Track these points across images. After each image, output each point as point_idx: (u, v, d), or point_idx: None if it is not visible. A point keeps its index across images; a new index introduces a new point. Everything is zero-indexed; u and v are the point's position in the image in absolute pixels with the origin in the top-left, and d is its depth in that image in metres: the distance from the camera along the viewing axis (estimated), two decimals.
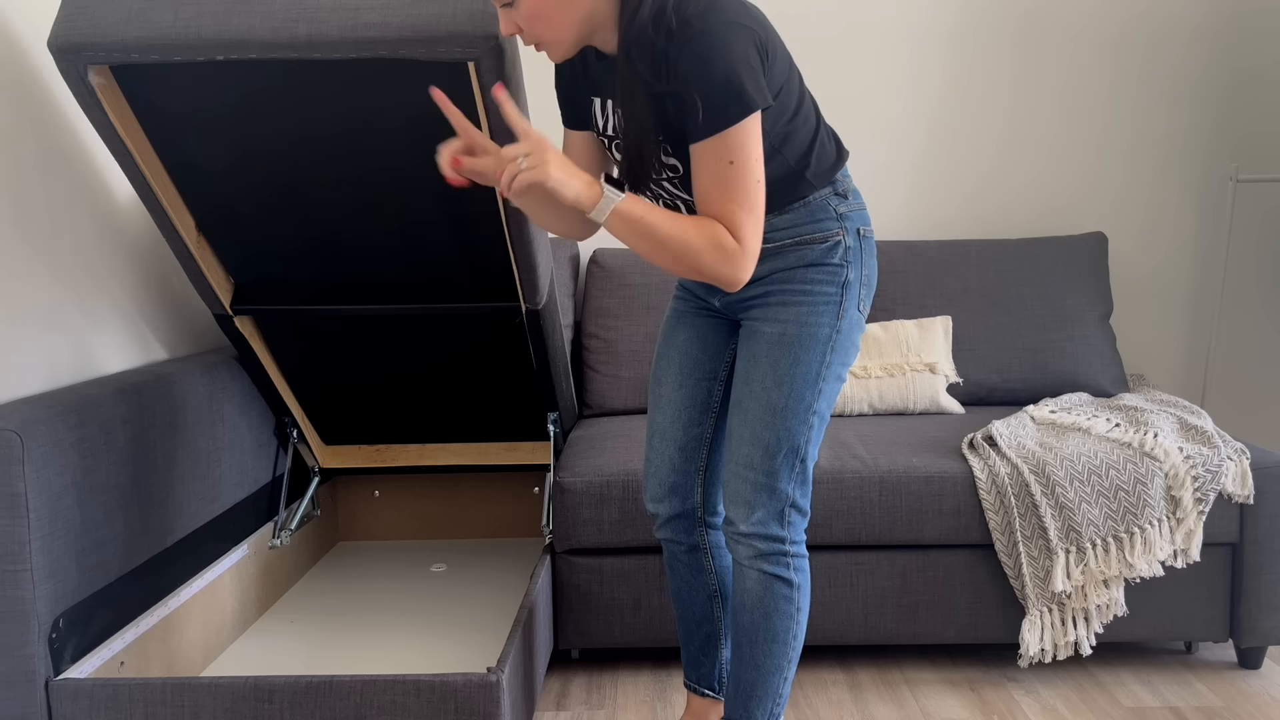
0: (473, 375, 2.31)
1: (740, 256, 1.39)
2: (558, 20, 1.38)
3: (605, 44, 1.44)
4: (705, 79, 1.33)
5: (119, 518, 1.69)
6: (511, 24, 1.39)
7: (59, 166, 1.79)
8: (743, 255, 1.39)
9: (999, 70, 2.94)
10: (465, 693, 1.49)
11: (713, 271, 1.40)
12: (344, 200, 1.86)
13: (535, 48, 1.42)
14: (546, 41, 1.40)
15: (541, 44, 1.41)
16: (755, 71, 1.35)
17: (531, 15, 1.37)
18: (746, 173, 1.36)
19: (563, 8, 1.37)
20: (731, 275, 1.40)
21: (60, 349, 1.77)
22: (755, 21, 1.37)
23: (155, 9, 1.51)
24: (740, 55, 1.33)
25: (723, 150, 1.36)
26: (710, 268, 1.40)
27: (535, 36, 1.40)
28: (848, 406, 2.59)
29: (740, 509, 1.56)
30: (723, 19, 1.34)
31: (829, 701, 2.10)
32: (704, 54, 1.32)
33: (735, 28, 1.34)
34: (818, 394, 1.53)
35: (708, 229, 1.39)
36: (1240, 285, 3.02)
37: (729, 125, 1.34)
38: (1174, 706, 2.06)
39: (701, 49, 1.32)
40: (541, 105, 2.88)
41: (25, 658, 1.49)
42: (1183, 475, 2.08)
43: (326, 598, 2.38)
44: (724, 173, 1.36)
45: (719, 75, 1.32)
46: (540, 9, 1.36)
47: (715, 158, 1.36)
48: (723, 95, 1.33)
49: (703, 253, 1.39)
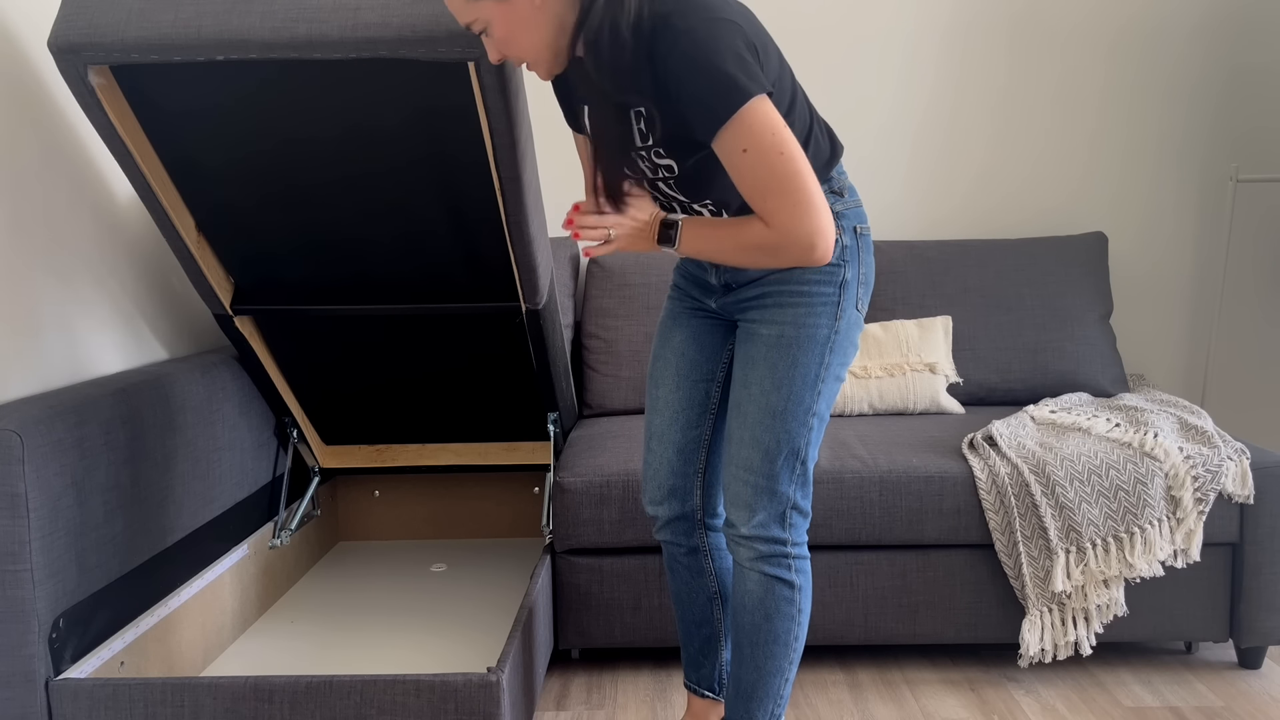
0: (473, 375, 2.31)
1: (790, 246, 1.38)
2: (526, 41, 1.38)
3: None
4: (697, 77, 1.32)
5: (119, 518, 1.69)
6: (495, 50, 1.41)
7: (59, 166, 1.79)
8: (791, 242, 1.38)
9: (998, 68, 2.94)
10: (465, 693, 1.49)
11: (785, 264, 1.42)
12: (344, 200, 1.86)
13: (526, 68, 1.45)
14: (527, 61, 1.42)
15: (525, 64, 1.43)
16: (747, 62, 1.33)
17: (503, 40, 1.38)
18: (768, 155, 1.34)
19: (528, 28, 1.37)
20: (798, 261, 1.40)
21: (60, 349, 1.77)
22: (740, 16, 1.36)
23: (155, 9, 1.51)
24: (729, 47, 1.32)
25: (735, 140, 1.34)
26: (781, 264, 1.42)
27: (515, 58, 1.42)
28: (848, 406, 2.59)
29: (741, 511, 1.55)
30: (705, 16, 1.33)
31: (829, 701, 2.10)
32: (691, 53, 1.31)
33: (720, 23, 1.33)
34: (816, 395, 1.52)
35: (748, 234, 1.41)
36: (1240, 285, 3.02)
37: (730, 115, 1.32)
38: (1174, 706, 2.06)
39: (689, 48, 1.31)
40: (542, 105, 2.88)
41: (25, 658, 1.49)
42: (1183, 475, 2.08)
43: (326, 598, 2.38)
44: (742, 163, 1.35)
45: (711, 70, 1.31)
46: (509, 33, 1.37)
47: (730, 150, 1.35)
48: (717, 88, 1.31)
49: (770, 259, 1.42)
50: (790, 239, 1.37)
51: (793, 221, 1.36)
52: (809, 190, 1.36)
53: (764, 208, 1.37)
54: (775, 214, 1.36)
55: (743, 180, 1.37)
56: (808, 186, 1.36)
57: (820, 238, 1.37)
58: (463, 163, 1.77)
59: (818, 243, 1.37)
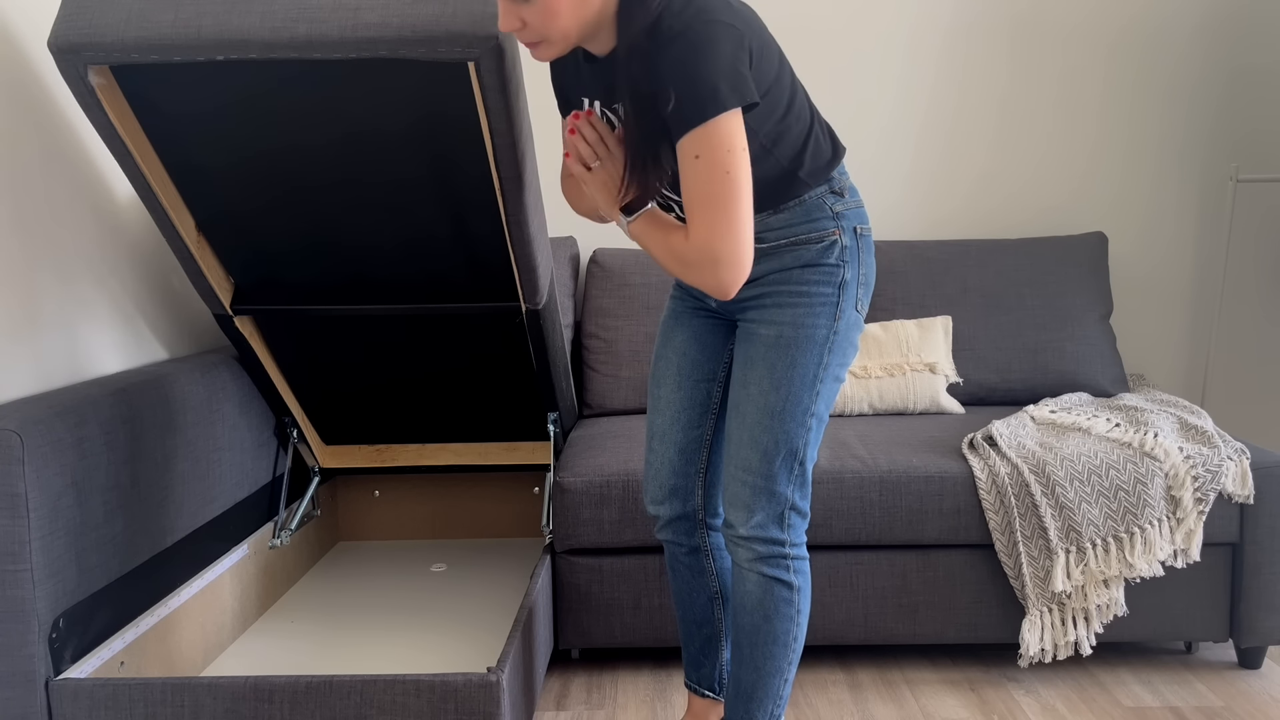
0: (473, 375, 2.31)
1: (699, 262, 1.37)
2: (569, 17, 1.36)
3: (597, 47, 1.44)
4: (683, 77, 1.31)
5: (119, 518, 1.69)
6: (515, 19, 1.37)
7: (59, 166, 1.79)
8: (701, 259, 1.36)
9: (998, 69, 2.94)
10: (465, 693, 1.49)
11: (697, 284, 1.40)
12: (344, 200, 1.86)
13: (529, 45, 1.40)
14: (549, 39, 1.38)
15: (540, 41, 1.39)
16: (736, 71, 1.33)
17: (546, 9, 1.35)
18: (714, 170, 1.33)
19: (577, 5, 1.36)
20: (710, 286, 1.38)
21: (60, 349, 1.77)
22: (740, 19, 1.36)
23: (155, 9, 1.51)
24: (722, 53, 1.31)
25: (693, 145, 1.33)
26: (695, 282, 1.40)
27: (539, 33, 1.37)
28: (848, 406, 2.59)
29: (739, 512, 1.55)
30: (706, 18, 1.32)
31: (829, 701, 2.10)
32: (684, 53, 1.31)
33: (718, 26, 1.33)
34: (815, 396, 1.52)
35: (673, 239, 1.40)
36: (1240, 285, 3.02)
37: (701, 121, 1.32)
38: (1174, 706, 2.06)
39: (683, 48, 1.31)
40: (542, 105, 2.88)
41: (25, 658, 1.49)
42: (1183, 475, 2.08)
43: (326, 598, 2.38)
44: (691, 169, 1.35)
45: (696, 73, 1.31)
46: (556, 3, 1.35)
47: (686, 153, 1.34)
48: (698, 92, 1.31)
49: (681, 271, 1.40)
50: (701, 255, 1.36)
51: (710, 239, 1.35)
52: (738, 218, 1.35)
53: (692, 218, 1.37)
54: (698, 227, 1.36)
55: (685, 184, 1.37)
56: (738, 214, 1.35)
57: (726, 268, 1.36)
58: (462, 162, 1.77)
59: (722, 271, 1.36)
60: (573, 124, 1.47)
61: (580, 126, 1.46)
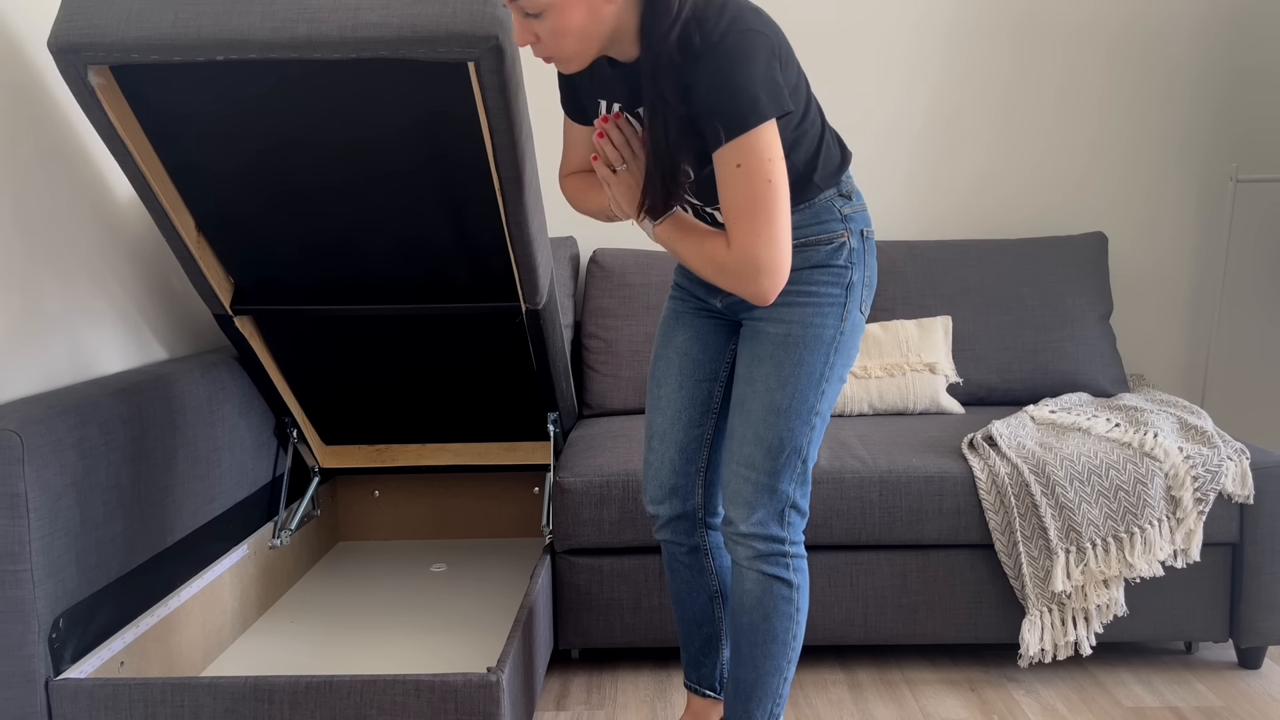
0: (472, 375, 2.31)
1: (741, 271, 1.38)
2: (584, 36, 1.37)
3: (620, 53, 1.44)
4: (723, 88, 1.33)
5: (119, 518, 1.69)
6: (530, 34, 1.37)
7: (59, 166, 1.79)
8: (744, 268, 1.38)
9: (998, 68, 2.94)
10: (465, 693, 1.49)
11: (736, 291, 1.42)
12: (344, 200, 1.86)
13: (546, 60, 1.41)
14: (565, 56, 1.39)
15: (558, 58, 1.40)
16: (773, 80, 1.34)
17: (558, 30, 1.35)
18: (755, 179, 1.35)
19: (592, 24, 1.36)
20: (750, 293, 1.40)
21: (60, 349, 1.77)
22: (770, 28, 1.37)
23: (155, 9, 1.51)
24: (760, 62, 1.33)
25: (734, 155, 1.35)
26: (733, 289, 1.42)
27: (555, 50, 1.38)
28: (848, 406, 2.59)
29: (740, 509, 1.56)
30: (740, 28, 1.34)
31: (829, 701, 2.10)
32: (721, 64, 1.32)
33: (753, 35, 1.34)
34: (820, 395, 1.53)
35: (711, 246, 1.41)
36: (1240, 285, 3.02)
37: (742, 132, 1.33)
38: (1174, 706, 2.06)
39: (720, 59, 1.33)
40: (542, 105, 2.88)
41: (25, 658, 1.49)
42: (1183, 475, 2.08)
43: (326, 598, 2.38)
44: (731, 178, 1.36)
45: (737, 84, 1.32)
46: (569, 25, 1.35)
47: (726, 162, 1.36)
48: (738, 103, 1.32)
49: (717, 277, 1.42)
50: (743, 263, 1.38)
51: (754, 248, 1.37)
52: (780, 226, 1.37)
53: (733, 226, 1.38)
54: (740, 235, 1.37)
55: (725, 193, 1.38)
56: (780, 222, 1.37)
57: (768, 275, 1.38)
58: (462, 163, 1.77)
59: (764, 279, 1.38)
60: (600, 127, 1.48)
61: (608, 129, 1.48)
